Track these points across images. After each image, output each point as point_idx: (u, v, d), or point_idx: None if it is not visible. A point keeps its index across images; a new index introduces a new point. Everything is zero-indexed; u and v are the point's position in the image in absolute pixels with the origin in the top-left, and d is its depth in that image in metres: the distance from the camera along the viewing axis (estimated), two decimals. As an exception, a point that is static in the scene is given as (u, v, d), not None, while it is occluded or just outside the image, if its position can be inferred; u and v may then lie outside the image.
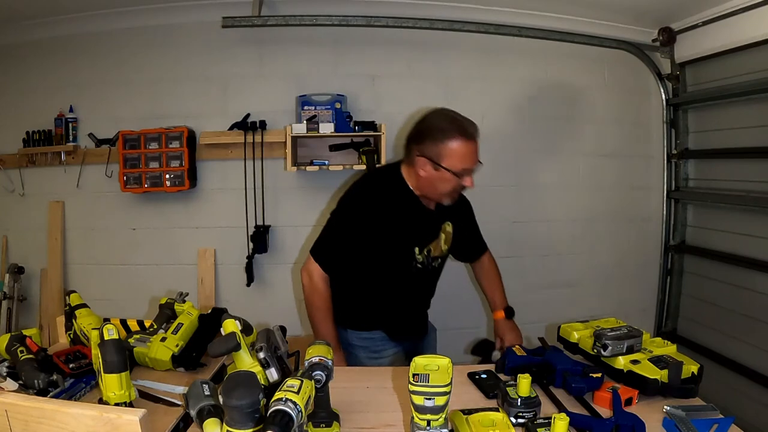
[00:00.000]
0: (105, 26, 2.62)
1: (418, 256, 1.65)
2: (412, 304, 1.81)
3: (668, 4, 2.45)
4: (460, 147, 1.49)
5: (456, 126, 1.51)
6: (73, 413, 0.90)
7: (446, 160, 1.50)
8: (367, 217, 1.59)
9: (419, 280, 1.74)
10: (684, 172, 2.80)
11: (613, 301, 2.86)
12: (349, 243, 1.61)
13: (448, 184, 1.54)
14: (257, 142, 2.56)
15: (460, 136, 1.49)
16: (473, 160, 1.53)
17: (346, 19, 2.48)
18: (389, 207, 1.60)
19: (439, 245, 1.71)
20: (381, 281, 1.69)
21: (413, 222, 1.63)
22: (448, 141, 1.49)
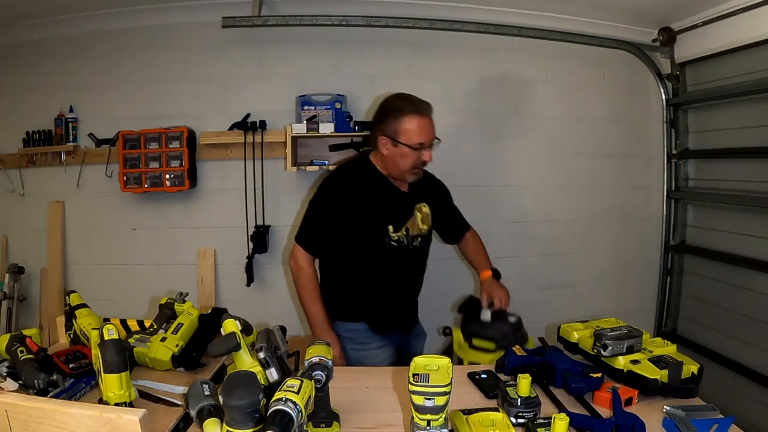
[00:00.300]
0: (105, 26, 2.62)
1: (393, 234, 1.74)
2: (395, 290, 1.84)
3: (668, 4, 2.45)
4: (415, 123, 1.66)
5: (410, 104, 1.68)
6: (73, 413, 0.90)
7: (403, 135, 1.66)
8: (340, 198, 1.72)
9: (400, 261, 1.79)
10: (684, 172, 2.80)
11: (613, 301, 2.86)
12: (327, 224, 1.74)
13: (407, 159, 1.69)
14: (257, 142, 2.56)
15: (414, 113, 1.66)
16: (428, 136, 1.69)
17: (346, 19, 2.48)
18: (360, 188, 1.74)
19: (416, 224, 1.80)
20: (360, 262, 1.78)
21: (385, 201, 1.76)
22: (403, 118, 1.66)
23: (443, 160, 2.67)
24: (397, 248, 1.75)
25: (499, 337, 1.64)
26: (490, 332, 1.67)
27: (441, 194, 1.96)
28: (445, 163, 2.68)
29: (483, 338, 1.67)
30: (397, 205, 1.78)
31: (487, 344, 1.66)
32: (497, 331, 1.67)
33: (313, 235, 1.76)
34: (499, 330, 1.66)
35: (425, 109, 1.69)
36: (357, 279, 1.81)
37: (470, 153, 2.74)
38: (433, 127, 1.70)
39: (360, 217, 1.71)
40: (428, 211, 1.85)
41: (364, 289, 1.80)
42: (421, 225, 1.81)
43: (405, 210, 1.79)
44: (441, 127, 2.67)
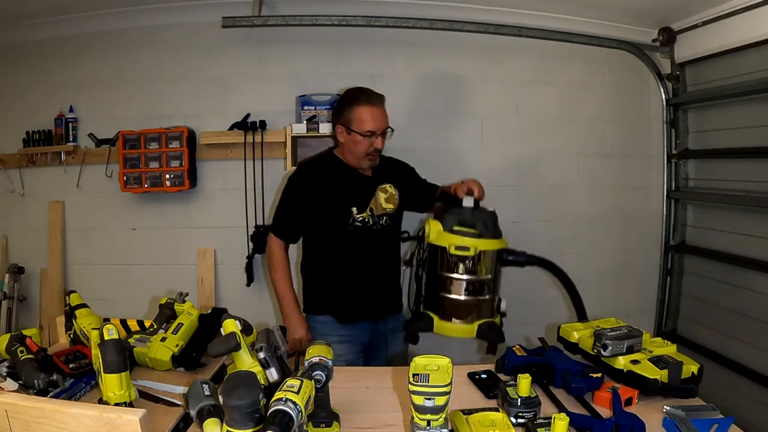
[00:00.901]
0: (105, 26, 2.62)
1: (358, 215, 1.87)
2: (364, 273, 1.91)
3: (668, 4, 2.45)
4: (366, 112, 1.80)
5: (361, 95, 1.83)
6: (73, 413, 0.90)
7: (355, 123, 1.81)
8: (305, 186, 1.89)
9: (367, 242, 1.89)
10: (684, 172, 2.80)
11: (613, 301, 2.86)
12: (295, 210, 1.90)
13: (360, 146, 1.83)
14: (257, 142, 2.56)
15: (364, 102, 1.81)
16: (379, 124, 1.82)
17: (346, 19, 2.48)
18: (323, 176, 1.89)
19: (379, 203, 1.91)
20: (327, 246, 1.92)
21: (347, 186, 1.89)
22: (354, 107, 1.81)
23: (443, 159, 2.70)
24: (361, 228, 1.87)
25: (481, 221, 1.62)
26: (473, 217, 1.63)
27: (405, 173, 2.07)
28: (445, 162, 2.71)
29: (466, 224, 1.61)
30: (360, 188, 1.90)
31: (469, 229, 1.60)
32: (479, 216, 1.64)
33: (282, 222, 1.92)
34: (481, 215, 1.64)
35: (377, 100, 1.83)
36: (326, 265, 1.93)
37: (470, 153, 2.74)
38: (384, 117, 1.84)
39: (324, 202, 1.85)
40: (394, 192, 1.96)
41: (332, 276, 1.92)
42: (385, 204, 1.92)
43: (367, 192, 1.91)
44: (440, 126, 2.71)
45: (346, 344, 1.87)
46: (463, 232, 1.59)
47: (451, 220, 1.62)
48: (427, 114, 2.69)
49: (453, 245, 1.57)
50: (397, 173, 2.02)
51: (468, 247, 1.56)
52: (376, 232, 1.90)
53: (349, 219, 1.86)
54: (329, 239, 1.91)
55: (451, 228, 1.60)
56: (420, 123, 2.69)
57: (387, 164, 1.99)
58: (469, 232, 1.60)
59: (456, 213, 1.63)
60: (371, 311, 1.93)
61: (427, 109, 2.69)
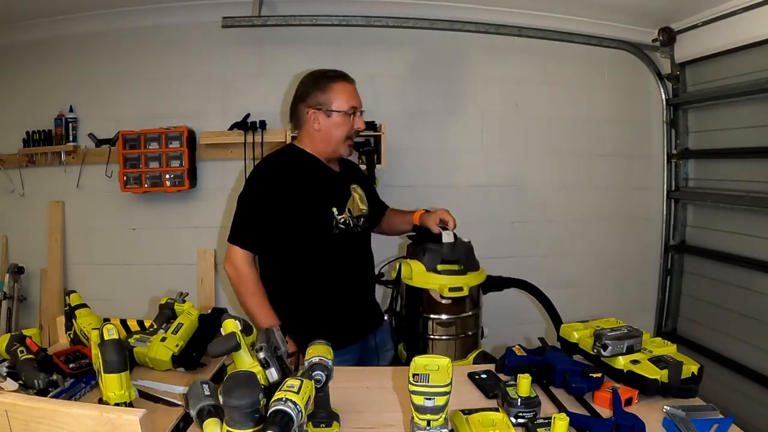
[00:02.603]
0: (105, 26, 2.62)
1: (339, 216, 1.63)
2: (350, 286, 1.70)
3: (668, 4, 2.45)
4: (344, 87, 1.63)
5: (334, 72, 1.65)
6: (73, 413, 0.90)
7: (335, 102, 1.61)
8: (273, 185, 1.58)
9: (350, 247, 1.68)
10: (684, 172, 2.80)
11: (613, 301, 2.87)
12: (262, 215, 1.57)
13: (341, 129, 1.63)
14: (257, 142, 2.56)
15: (340, 78, 1.64)
16: (358, 100, 1.66)
17: (346, 19, 2.48)
18: (293, 172, 1.61)
19: (356, 204, 1.71)
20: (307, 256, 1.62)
21: (322, 183, 1.65)
22: (332, 85, 1.62)
23: (443, 159, 2.71)
24: (345, 231, 1.63)
25: (464, 256, 1.58)
26: (456, 253, 1.58)
27: (362, 175, 1.93)
28: (445, 162, 2.71)
29: (450, 262, 1.55)
30: (335, 186, 1.69)
31: (453, 267, 1.56)
32: (461, 251, 1.60)
33: (248, 230, 1.58)
34: (463, 249, 1.60)
35: (349, 77, 1.67)
36: (305, 282, 1.63)
37: (470, 153, 2.74)
38: (358, 94, 1.68)
39: (299, 202, 1.57)
40: (362, 193, 1.77)
41: (316, 294, 1.63)
42: (361, 205, 1.73)
43: (342, 190, 1.70)
44: (440, 125, 2.71)
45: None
46: (449, 271, 1.54)
47: (434, 259, 1.56)
48: (426, 114, 2.69)
49: (445, 287, 1.51)
50: (357, 174, 1.87)
51: (461, 287, 1.52)
52: (357, 235, 1.69)
53: (332, 221, 1.61)
54: (308, 248, 1.61)
55: (435, 268, 1.55)
56: (420, 123, 2.69)
57: (346, 163, 1.81)
58: (454, 269, 1.55)
59: (437, 250, 1.58)
60: (362, 328, 1.72)
61: (426, 109, 2.69)
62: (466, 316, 1.62)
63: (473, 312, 1.64)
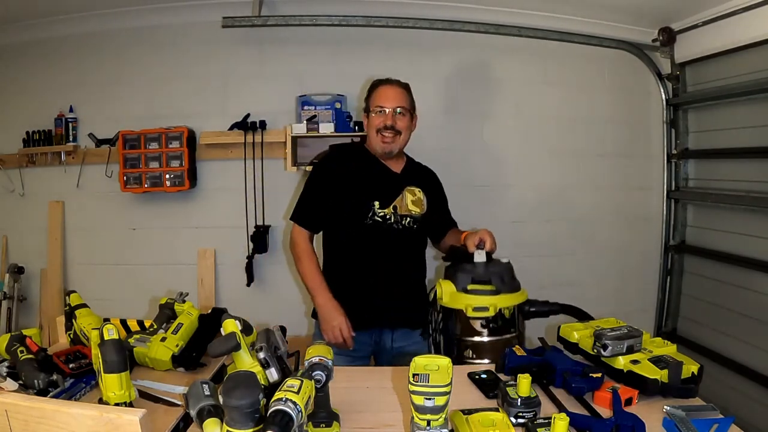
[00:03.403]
0: (105, 26, 2.62)
1: (379, 210, 1.77)
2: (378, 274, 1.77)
3: (668, 4, 2.45)
4: (378, 90, 1.83)
5: (379, 80, 1.86)
6: (73, 413, 0.90)
7: (371, 104, 1.84)
8: (330, 172, 1.82)
9: (384, 239, 1.77)
10: (684, 172, 2.80)
11: (613, 301, 2.86)
12: (318, 196, 1.80)
13: (373, 123, 1.81)
14: (257, 142, 2.56)
15: (379, 84, 1.84)
16: (389, 101, 1.79)
17: (346, 19, 2.48)
18: (349, 164, 1.84)
19: (405, 203, 1.82)
20: (344, 239, 1.81)
21: (372, 178, 1.82)
22: (371, 90, 1.86)
23: (443, 159, 2.70)
24: (381, 224, 1.76)
25: (497, 276, 1.54)
26: (487, 272, 1.55)
27: (436, 187, 1.98)
28: (445, 162, 2.70)
29: (481, 281, 1.53)
30: (386, 183, 1.82)
31: (485, 287, 1.52)
32: (494, 270, 1.56)
33: (306, 209, 1.82)
34: (496, 269, 1.56)
35: (392, 81, 1.84)
36: (339, 263, 1.83)
37: (470, 152, 2.74)
38: (397, 95, 1.81)
39: (346, 191, 1.77)
40: (422, 197, 1.86)
41: (344, 274, 1.80)
42: (411, 206, 1.82)
43: (393, 188, 1.82)
44: (441, 126, 2.71)
45: (346, 357, 1.73)
46: (478, 291, 1.50)
47: (463, 278, 1.53)
48: (426, 114, 2.68)
49: (470, 306, 1.48)
50: (428, 181, 1.93)
51: (487, 307, 1.47)
52: (397, 231, 1.78)
53: (369, 212, 1.75)
54: (345, 233, 1.79)
55: (465, 288, 1.52)
56: (420, 123, 2.68)
57: (418, 168, 1.94)
58: (485, 289, 1.50)
59: (468, 270, 1.54)
60: (379, 318, 1.77)
61: (426, 109, 2.68)
62: (500, 340, 1.51)
63: (509, 335, 1.54)
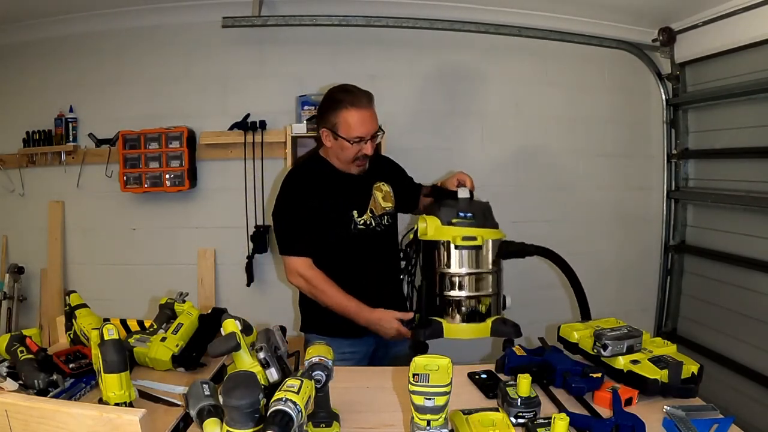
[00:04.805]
0: (105, 26, 2.62)
1: (359, 218, 1.74)
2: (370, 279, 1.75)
3: (668, 4, 2.45)
4: (353, 116, 1.63)
5: (348, 96, 1.65)
6: (73, 413, 0.90)
7: (342, 129, 1.65)
8: (300, 196, 1.72)
9: (370, 245, 1.76)
10: (684, 172, 2.80)
11: (613, 301, 2.86)
12: (302, 222, 1.70)
13: (348, 152, 1.68)
14: (257, 142, 2.56)
15: (351, 106, 1.63)
16: (367, 129, 1.66)
17: (346, 19, 2.48)
18: (316, 182, 1.73)
19: (378, 203, 1.80)
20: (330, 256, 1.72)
21: (342, 189, 1.74)
22: (341, 111, 1.64)
23: (443, 159, 2.70)
24: (365, 231, 1.74)
25: (480, 211, 1.59)
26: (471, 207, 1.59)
27: (394, 169, 1.96)
28: (445, 162, 2.70)
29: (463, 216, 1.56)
30: (355, 190, 1.77)
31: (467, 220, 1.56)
32: (477, 206, 1.61)
33: (297, 238, 1.71)
34: (478, 206, 1.62)
35: (363, 102, 1.65)
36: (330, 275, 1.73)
37: (470, 153, 2.74)
38: (373, 119, 1.68)
39: (322, 210, 1.69)
40: (389, 189, 1.85)
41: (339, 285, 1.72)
42: (384, 203, 1.81)
43: (363, 193, 1.79)
44: (441, 126, 2.71)
45: (350, 362, 1.72)
46: (464, 223, 1.54)
47: (449, 212, 1.56)
48: (426, 114, 2.69)
49: (458, 236, 1.50)
50: (386, 169, 1.92)
51: (475, 237, 1.51)
52: (380, 233, 1.79)
53: (351, 224, 1.73)
54: (331, 247, 1.73)
55: (449, 221, 1.55)
56: (420, 123, 2.69)
57: (375, 161, 1.85)
58: (470, 222, 1.55)
59: (452, 205, 1.59)
60: None
61: (426, 110, 2.69)
62: (483, 273, 1.57)
63: (491, 270, 1.59)
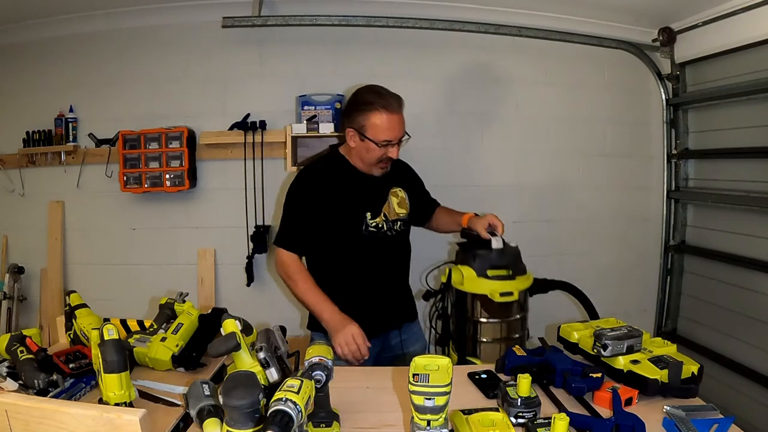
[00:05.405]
0: (105, 26, 2.62)
1: (371, 220, 1.73)
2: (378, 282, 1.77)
3: (668, 4, 2.45)
4: (383, 119, 1.63)
5: (379, 99, 1.64)
6: (73, 413, 0.90)
7: (370, 131, 1.64)
8: (312, 191, 1.71)
9: (380, 248, 1.76)
10: (684, 172, 2.80)
11: (613, 301, 2.86)
12: (304, 219, 1.70)
13: (373, 154, 1.67)
14: (257, 142, 2.56)
15: (382, 108, 1.63)
16: (395, 133, 1.66)
17: (346, 19, 2.48)
18: (331, 179, 1.73)
19: (392, 208, 1.79)
20: (340, 255, 1.74)
21: (358, 189, 1.73)
22: (371, 113, 1.63)
23: (444, 160, 2.70)
24: (375, 233, 1.73)
25: (513, 261, 1.65)
26: (505, 258, 1.65)
27: (411, 177, 1.96)
28: (446, 162, 2.71)
29: (499, 267, 1.63)
30: (371, 192, 1.76)
31: (502, 272, 1.63)
32: (510, 256, 1.66)
33: (292, 233, 1.71)
34: (511, 256, 1.66)
35: (394, 105, 1.65)
36: (335, 276, 1.74)
37: (470, 153, 2.74)
38: (401, 124, 1.68)
39: (335, 208, 1.69)
40: (404, 195, 1.84)
41: (344, 287, 1.72)
42: (398, 209, 1.80)
43: (379, 195, 1.78)
44: (442, 126, 2.71)
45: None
46: (499, 276, 1.61)
47: (484, 263, 1.63)
48: (427, 114, 2.69)
49: (496, 292, 1.57)
50: (405, 176, 1.91)
51: (512, 292, 1.58)
52: (390, 238, 1.77)
53: (362, 225, 1.71)
54: (340, 248, 1.73)
55: (485, 273, 1.61)
56: (420, 123, 2.67)
57: (395, 166, 1.83)
58: (504, 274, 1.61)
59: (486, 256, 1.64)
60: (385, 324, 1.80)
61: (426, 109, 2.69)
62: (514, 320, 1.68)
63: (520, 315, 1.69)
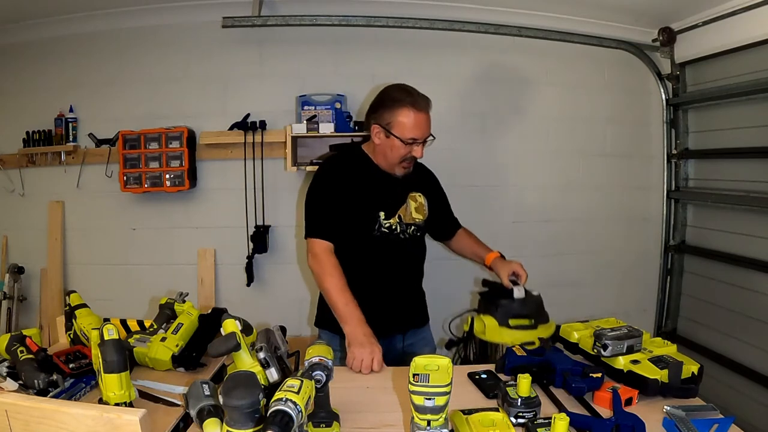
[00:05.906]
0: (105, 26, 2.62)
1: (385, 221, 1.70)
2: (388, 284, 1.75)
3: (668, 4, 2.45)
4: (410, 117, 1.61)
5: (408, 97, 1.63)
6: (73, 413, 0.90)
7: (396, 128, 1.62)
8: (333, 183, 1.69)
9: (391, 251, 1.73)
10: (684, 172, 2.80)
11: (613, 301, 2.86)
12: (332, 205, 1.67)
13: (397, 152, 1.65)
14: (257, 142, 2.56)
15: (410, 106, 1.61)
16: (422, 131, 1.64)
17: (346, 18, 2.48)
18: (351, 174, 1.71)
19: (409, 212, 1.75)
20: (350, 252, 1.68)
21: (375, 187, 1.71)
22: (398, 110, 1.62)
23: (444, 160, 2.69)
24: (388, 235, 1.70)
25: (535, 311, 1.63)
26: (527, 308, 1.64)
27: (435, 186, 1.93)
28: (446, 163, 2.69)
29: (521, 316, 1.62)
30: (389, 192, 1.73)
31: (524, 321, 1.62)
32: (532, 306, 1.65)
33: (322, 221, 1.67)
34: (533, 304, 1.65)
35: (422, 104, 1.64)
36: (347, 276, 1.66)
37: (471, 153, 2.74)
38: (428, 123, 1.66)
39: (352, 202, 1.67)
40: (423, 201, 1.80)
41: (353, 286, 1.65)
42: (415, 214, 1.76)
43: (397, 197, 1.75)
44: (442, 127, 2.68)
45: None
46: (521, 326, 1.60)
47: (505, 313, 1.62)
48: (427, 114, 2.69)
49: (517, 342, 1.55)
50: (427, 183, 1.87)
51: (533, 342, 1.56)
52: (403, 241, 1.74)
53: (375, 224, 1.69)
54: (351, 245, 1.69)
55: (507, 323, 1.61)
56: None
57: (417, 170, 1.80)
58: (526, 324, 1.61)
59: (509, 306, 1.63)
60: (390, 327, 1.74)
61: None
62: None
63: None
